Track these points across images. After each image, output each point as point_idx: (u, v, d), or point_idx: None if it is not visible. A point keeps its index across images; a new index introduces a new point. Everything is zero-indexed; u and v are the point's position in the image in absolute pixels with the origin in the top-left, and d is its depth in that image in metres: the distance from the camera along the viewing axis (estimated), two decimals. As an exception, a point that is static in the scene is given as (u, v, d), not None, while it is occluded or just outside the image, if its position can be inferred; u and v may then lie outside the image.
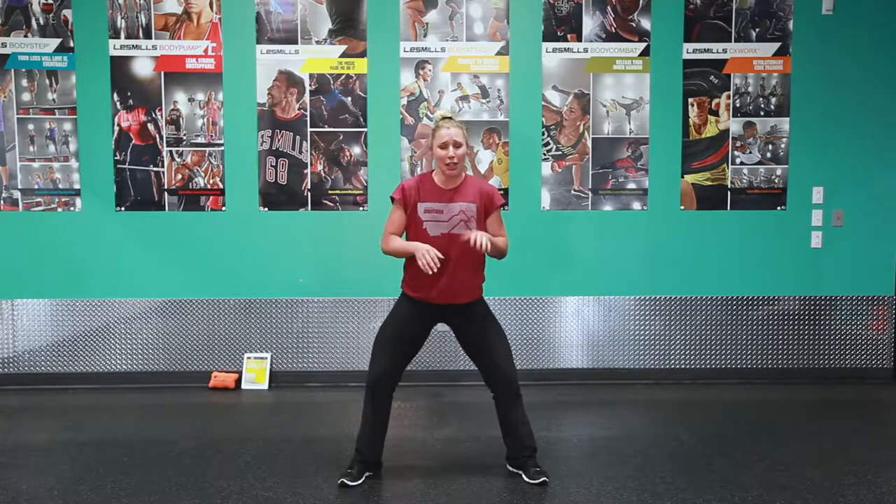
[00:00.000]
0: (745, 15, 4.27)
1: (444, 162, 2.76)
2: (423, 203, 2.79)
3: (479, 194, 2.83)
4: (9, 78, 4.19)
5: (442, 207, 2.78)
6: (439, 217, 2.78)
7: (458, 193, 2.81)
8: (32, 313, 4.28)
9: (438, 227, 2.78)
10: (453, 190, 2.81)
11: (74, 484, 2.80)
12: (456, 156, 2.74)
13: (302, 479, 2.86)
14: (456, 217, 2.78)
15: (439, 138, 2.76)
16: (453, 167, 2.76)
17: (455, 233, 2.77)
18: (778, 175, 4.33)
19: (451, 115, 2.84)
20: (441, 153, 2.76)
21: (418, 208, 2.79)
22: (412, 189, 2.81)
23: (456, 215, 2.78)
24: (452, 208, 2.78)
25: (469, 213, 2.79)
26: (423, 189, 2.81)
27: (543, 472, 2.81)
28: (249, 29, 4.21)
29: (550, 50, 4.26)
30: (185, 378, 4.31)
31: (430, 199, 2.80)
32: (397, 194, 2.82)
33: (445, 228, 2.77)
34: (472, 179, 2.88)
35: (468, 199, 2.80)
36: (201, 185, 4.27)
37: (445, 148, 2.75)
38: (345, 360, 4.34)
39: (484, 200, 2.82)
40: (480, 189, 2.85)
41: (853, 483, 2.80)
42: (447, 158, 2.74)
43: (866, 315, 4.38)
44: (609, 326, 4.38)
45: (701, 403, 3.95)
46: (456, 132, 2.76)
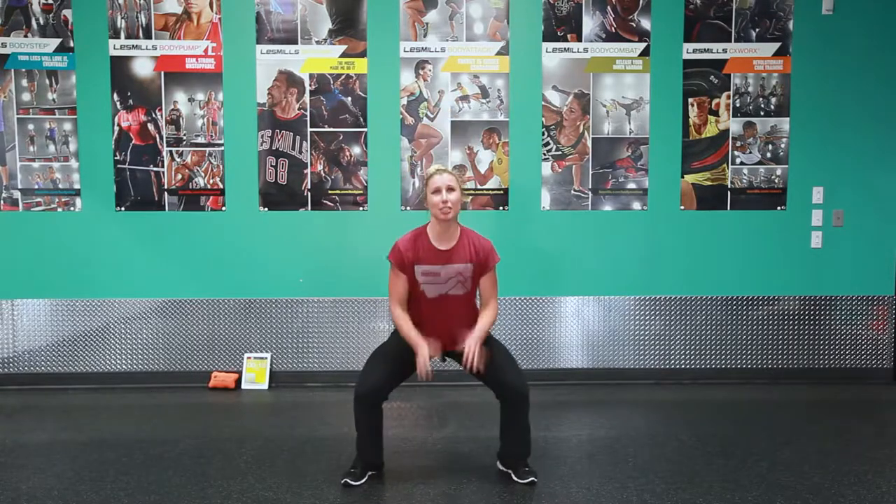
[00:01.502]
0: (745, 15, 4.27)
1: (437, 208, 2.75)
2: (420, 266, 2.79)
3: (476, 254, 2.82)
4: (9, 78, 4.19)
5: (439, 270, 2.79)
6: (436, 280, 2.80)
7: (455, 254, 2.80)
8: (32, 313, 4.28)
9: (435, 289, 2.81)
10: (449, 251, 2.80)
11: (74, 484, 2.80)
12: (449, 200, 2.73)
13: (302, 479, 2.86)
14: (452, 279, 2.80)
15: (432, 185, 2.77)
16: (447, 212, 2.74)
17: (451, 294, 2.81)
18: (778, 175, 4.33)
19: (443, 167, 2.85)
20: (434, 199, 2.75)
21: (415, 270, 2.80)
22: (408, 251, 2.80)
23: (452, 277, 2.80)
24: (449, 270, 2.79)
25: (466, 275, 2.81)
26: (418, 250, 2.80)
27: (533, 472, 2.82)
28: (249, 29, 4.21)
29: (550, 50, 4.26)
30: (185, 378, 4.31)
31: (426, 261, 2.79)
32: (393, 258, 2.82)
33: (442, 290, 2.81)
34: (467, 235, 2.86)
35: (464, 259, 2.81)
36: (201, 185, 4.27)
37: (438, 193, 2.74)
38: (345, 360, 4.34)
39: (480, 260, 2.82)
40: (477, 249, 2.83)
41: (853, 483, 2.80)
42: (440, 204, 2.73)
43: (866, 315, 4.38)
44: (609, 326, 4.38)
45: (701, 403, 3.95)
46: (448, 177, 2.76)
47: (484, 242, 2.87)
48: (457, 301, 2.83)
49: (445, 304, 2.82)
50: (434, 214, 2.79)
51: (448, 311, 2.83)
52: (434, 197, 2.75)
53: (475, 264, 2.82)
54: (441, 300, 2.82)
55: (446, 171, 2.80)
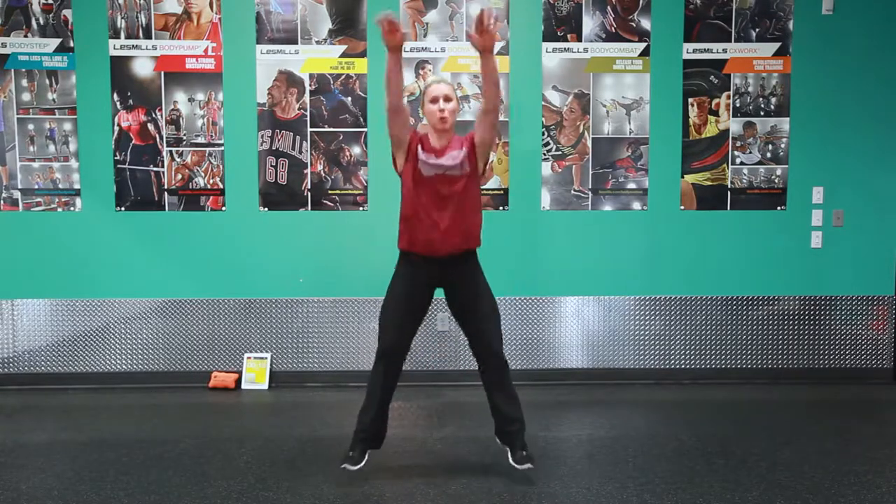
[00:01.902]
0: (745, 15, 4.27)
1: (435, 117, 2.75)
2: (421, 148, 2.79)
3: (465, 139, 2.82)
4: (9, 78, 4.19)
5: (434, 160, 2.78)
6: (431, 159, 2.78)
7: (449, 148, 2.80)
8: (32, 313, 4.28)
9: (432, 168, 2.77)
10: (445, 146, 2.80)
11: (74, 484, 2.80)
12: (447, 109, 2.73)
13: (302, 479, 2.86)
14: (449, 160, 2.77)
15: (429, 94, 2.76)
16: (444, 122, 2.75)
17: (448, 174, 2.75)
18: (778, 175, 4.33)
19: (441, 78, 2.83)
20: (432, 108, 2.75)
21: (417, 150, 2.78)
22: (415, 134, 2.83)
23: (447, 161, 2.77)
24: (445, 158, 2.78)
25: (460, 158, 2.78)
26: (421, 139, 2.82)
27: (530, 457, 2.79)
28: (249, 29, 4.21)
29: (550, 50, 4.26)
30: (185, 378, 4.31)
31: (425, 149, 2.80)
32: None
33: (439, 170, 2.77)
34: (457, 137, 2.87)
35: (456, 147, 2.80)
36: (201, 185, 4.27)
37: (436, 102, 2.74)
38: (345, 360, 4.34)
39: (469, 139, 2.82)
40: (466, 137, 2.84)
41: (853, 483, 2.80)
42: (438, 113, 2.73)
43: (866, 315, 4.38)
44: (609, 326, 4.38)
45: (701, 403, 3.95)
46: (446, 87, 2.76)
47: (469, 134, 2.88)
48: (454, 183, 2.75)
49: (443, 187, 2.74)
50: (432, 124, 2.78)
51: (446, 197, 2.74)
52: (431, 106, 2.75)
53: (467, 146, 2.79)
54: (437, 181, 2.75)
55: (444, 81, 2.80)
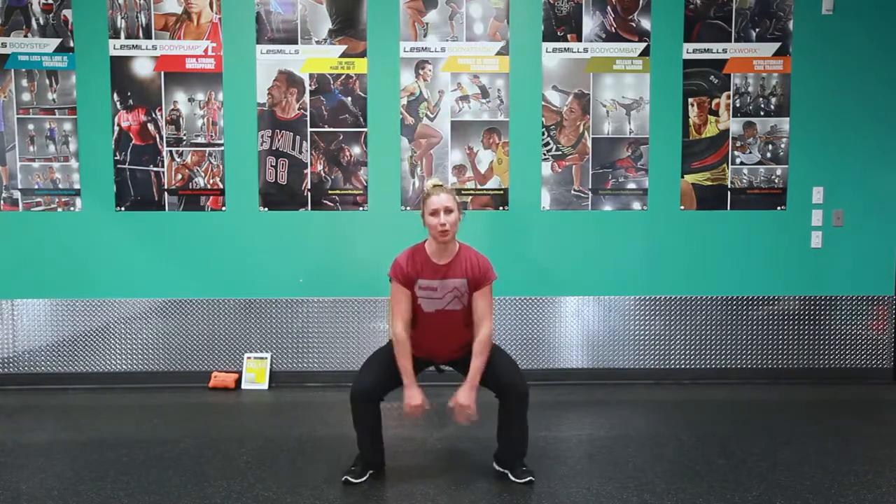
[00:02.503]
0: (745, 15, 4.27)
1: (435, 230, 2.73)
2: (420, 280, 2.79)
3: (471, 270, 2.80)
4: (9, 78, 4.19)
5: (436, 285, 2.78)
6: (433, 295, 2.79)
7: (452, 269, 2.79)
8: (32, 313, 4.28)
9: (433, 304, 2.80)
10: (447, 266, 2.79)
11: (74, 484, 2.80)
12: (447, 223, 2.71)
13: (302, 478, 2.86)
14: (449, 294, 2.79)
15: (429, 206, 2.74)
16: (445, 235, 2.73)
17: (448, 309, 2.80)
18: (778, 175, 4.33)
19: (440, 183, 2.83)
20: (432, 221, 2.73)
21: (415, 287, 2.79)
22: (408, 266, 2.79)
23: (449, 292, 2.79)
24: (446, 285, 2.78)
25: (462, 290, 2.80)
26: (417, 264, 2.79)
27: (530, 472, 2.82)
28: (249, 29, 4.21)
29: (550, 50, 4.26)
30: (185, 378, 4.31)
31: (424, 275, 2.79)
32: (395, 273, 2.80)
33: (439, 305, 2.80)
34: (465, 252, 2.84)
35: (460, 274, 2.79)
36: (201, 185, 4.27)
37: (436, 215, 2.72)
38: (345, 360, 4.34)
39: (475, 276, 2.80)
40: (473, 265, 2.81)
41: (853, 483, 2.80)
42: (439, 226, 2.72)
43: (866, 315, 4.38)
44: (609, 326, 4.38)
45: (701, 403, 3.95)
46: (446, 198, 2.73)
47: (482, 260, 2.84)
48: (454, 316, 2.83)
49: (443, 319, 2.82)
50: (432, 236, 2.77)
51: (445, 326, 2.83)
52: (431, 219, 2.73)
53: (470, 279, 2.79)
54: (439, 315, 2.82)
55: (443, 189, 2.77)
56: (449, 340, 2.86)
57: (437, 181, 2.84)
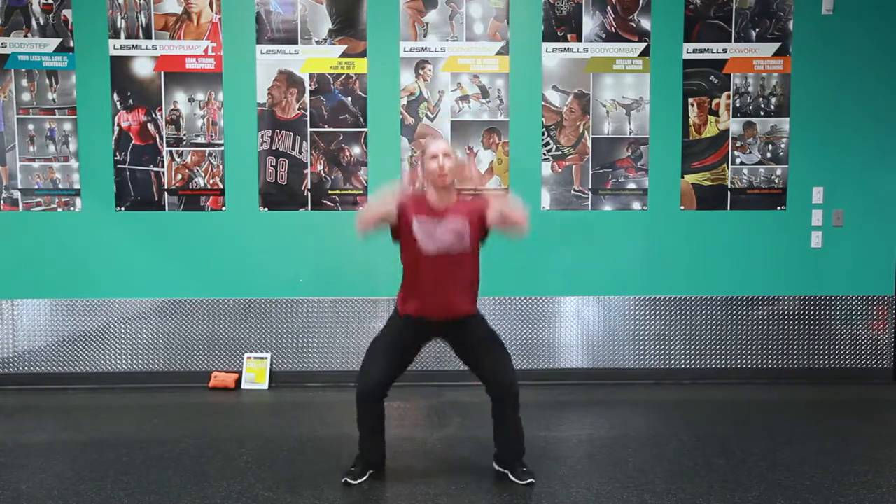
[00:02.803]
0: (745, 15, 4.27)
1: (434, 175, 2.74)
2: (418, 218, 2.77)
3: (470, 212, 2.80)
4: (9, 78, 4.19)
5: (436, 224, 2.77)
6: (433, 232, 2.77)
7: (450, 211, 2.79)
8: (32, 313, 4.28)
9: (433, 243, 2.76)
10: (445, 209, 2.79)
11: (74, 484, 2.80)
12: (446, 165, 2.72)
13: (302, 479, 2.86)
14: (449, 233, 2.76)
15: (428, 151, 2.76)
16: (444, 178, 2.73)
17: (451, 253, 2.76)
18: (778, 175, 4.33)
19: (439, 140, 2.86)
20: (431, 164, 2.74)
21: (413, 223, 2.77)
22: (408, 200, 2.79)
23: (449, 231, 2.76)
24: (445, 225, 2.77)
25: (463, 231, 2.78)
26: (418, 202, 2.80)
27: (531, 473, 2.82)
28: (249, 29, 4.21)
29: (550, 50, 4.26)
30: (185, 378, 4.31)
31: (423, 213, 2.78)
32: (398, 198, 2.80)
33: (440, 244, 2.76)
34: (465, 200, 2.87)
35: (460, 215, 2.78)
36: (201, 185, 4.27)
37: (435, 158, 2.73)
38: (345, 360, 4.34)
39: (476, 211, 2.79)
40: (470, 207, 2.81)
41: (853, 483, 2.80)
42: (438, 170, 2.72)
43: (866, 315, 4.38)
44: (609, 326, 4.38)
45: (701, 403, 3.95)
46: (444, 144, 2.78)
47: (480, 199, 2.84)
48: (455, 261, 2.77)
49: (444, 263, 2.75)
50: (432, 182, 2.77)
51: (447, 271, 2.76)
52: (431, 163, 2.75)
53: (471, 217, 2.78)
54: (440, 259, 2.75)
55: (442, 139, 2.80)
56: (449, 289, 2.77)
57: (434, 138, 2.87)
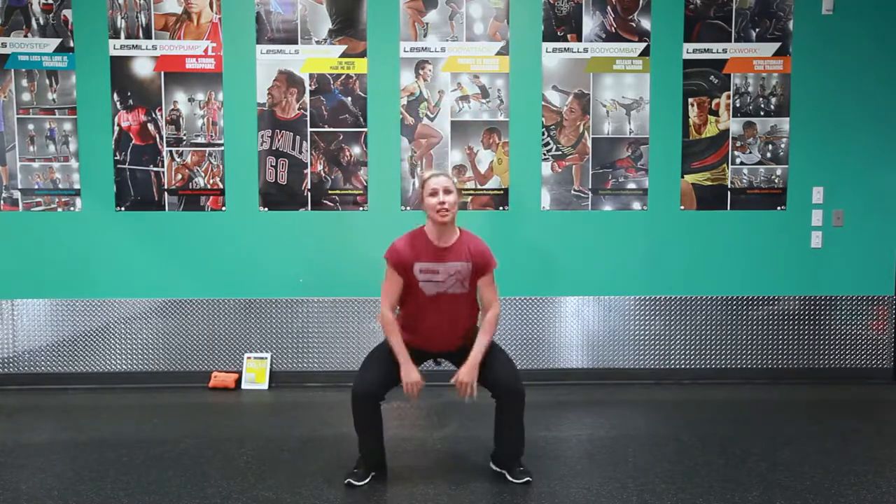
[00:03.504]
0: (745, 15, 4.27)
1: (434, 210, 2.73)
2: (419, 263, 2.78)
3: (473, 255, 2.80)
4: (9, 78, 4.19)
5: (437, 268, 2.77)
6: (434, 277, 2.78)
7: (452, 253, 2.79)
8: (32, 313, 4.28)
9: (434, 287, 2.78)
10: (448, 249, 2.79)
11: (74, 484, 2.80)
12: (447, 202, 2.71)
13: (302, 479, 2.86)
14: (451, 277, 2.78)
15: (428, 187, 2.75)
16: (445, 214, 2.72)
17: (450, 292, 2.78)
18: (778, 175, 4.33)
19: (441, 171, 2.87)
20: (432, 202, 2.73)
21: (414, 268, 2.77)
22: (406, 249, 2.79)
23: (451, 275, 2.78)
24: (448, 268, 2.77)
25: (464, 273, 2.79)
26: (416, 248, 2.79)
27: (527, 472, 2.83)
28: (249, 29, 4.21)
29: (550, 50, 4.26)
30: (185, 378, 4.31)
31: (424, 258, 2.78)
32: (391, 257, 2.80)
33: (441, 288, 2.79)
34: (466, 236, 2.86)
35: (462, 258, 2.79)
36: (201, 185, 4.27)
37: (435, 195, 2.72)
38: (345, 360, 4.34)
39: (477, 261, 2.80)
40: (474, 250, 2.82)
41: (853, 483, 2.80)
42: (438, 205, 2.71)
43: (866, 315, 4.38)
44: (609, 326, 4.38)
45: (701, 403, 3.95)
46: (445, 180, 2.75)
47: (481, 245, 2.86)
48: (455, 300, 2.82)
49: (444, 303, 2.81)
50: (432, 217, 2.77)
51: (447, 310, 2.81)
52: (431, 199, 2.73)
53: (473, 264, 2.80)
54: (439, 298, 2.80)
55: (443, 173, 2.81)
56: (449, 327, 2.83)
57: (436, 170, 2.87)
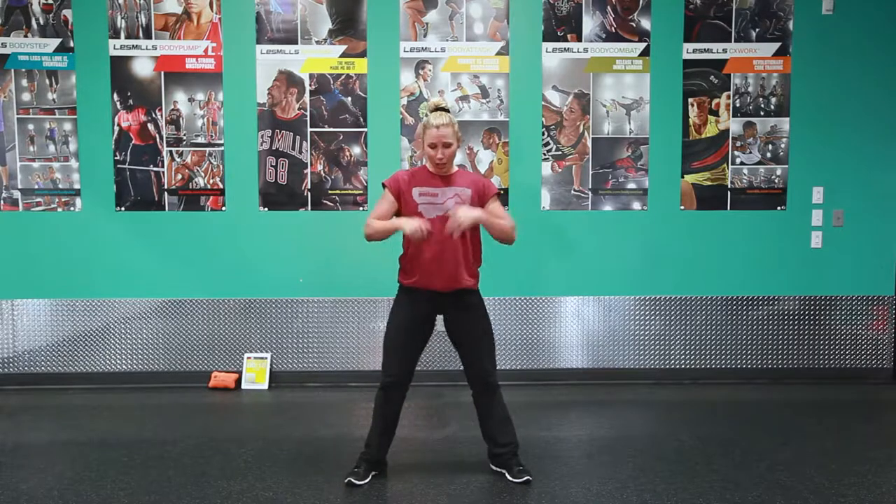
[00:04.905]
0: (745, 15, 4.27)
1: (433, 161, 2.77)
2: (418, 187, 2.78)
3: (473, 183, 2.83)
4: (9, 78, 4.19)
5: (437, 191, 2.78)
6: (434, 200, 2.77)
7: (453, 180, 2.81)
8: (32, 313, 4.28)
9: (434, 209, 2.76)
10: (448, 177, 2.82)
11: (74, 484, 2.80)
12: (445, 156, 2.74)
13: (302, 479, 2.86)
14: (451, 200, 2.76)
15: (429, 137, 2.74)
16: (441, 167, 2.78)
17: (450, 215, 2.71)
18: (778, 175, 4.33)
19: (444, 106, 2.79)
20: (430, 153, 2.76)
21: (413, 192, 2.78)
22: (405, 176, 2.81)
23: (451, 198, 2.76)
24: (447, 192, 2.78)
25: (464, 197, 2.78)
26: (417, 176, 2.81)
27: (527, 471, 2.82)
28: (249, 29, 4.21)
29: (550, 50, 4.26)
30: (185, 378, 4.31)
31: (424, 183, 2.79)
32: (389, 182, 2.81)
33: (441, 211, 2.75)
34: (464, 171, 2.92)
35: (462, 185, 2.80)
36: (201, 185, 4.27)
37: (434, 148, 2.74)
38: (345, 360, 4.34)
39: (478, 190, 2.82)
40: (474, 179, 2.86)
41: (853, 483, 2.80)
42: (436, 159, 2.75)
43: (866, 315, 4.38)
44: (609, 326, 4.38)
45: (701, 403, 3.95)
46: (445, 132, 2.72)
47: (481, 177, 2.92)
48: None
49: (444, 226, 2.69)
50: (431, 165, 2.81)
51: (449, 242, 2.71)
52: (430, 150, 2.75)
53: (473, 191, 2.80)
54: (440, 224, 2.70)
55: (444, 118, 2.74)
56: (450, 262, 2.74)
57: (441, 102, 2.81)
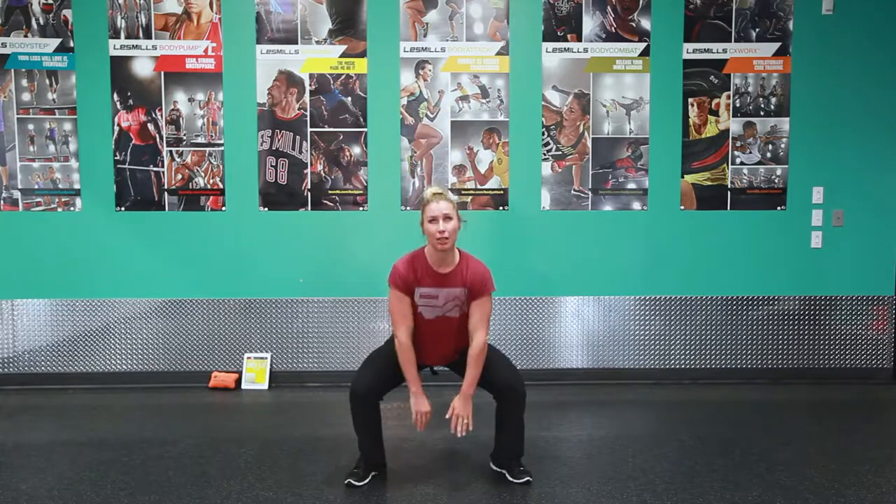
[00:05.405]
0: (745, 15, 4.27)
1: (434, 237, 2.71)
2: (419, 288, 2.78)
3: (471, 279, 2.78)
4: (9, 78, 4.19)
5: (436, 293, 2.78)
6: (433, 302, 2.79)
7: (451, 278, 2.78)
8: (32, 313, 4.28)
9: (433, 311, 2.80)
10: (447, 275, 2.78)
11: (74, 484, 2.80)
12: (446, 230, 2.68)
13: (302, 479, 2.86)
14: (450, 303, 2.79)
15: (428, 212, 2.70)
16: (444, 242, 2.70)
17: (448, 315, 2.80)
18: (778, 175, 4.33)
19: (440, 191, 2.78)
20: (431, 228, 2.70)
21: (415, 294, 2.79)
22: (408, 274, 2.77)
23: (450, 301, 2.79)
24: (447, 294, 2.78)
25: (462, 298, 2.79)
26: (417, 273, 2.78)
27: (527, 472, 2.83)
28: (249, 29, 4.21)
29: (550, 50, 4.26)
30: (185, 378, 4.31)
31: (424, 283, 2.78)
32: (394, 281, 2.78)
33: (439, 312, 2.80)
34: (465, 260, 2.82)
35: (460, 284, 2.78)
36: (201, 185, 4.27)
37: (435, 223, 2.69)
38: (345, 360, 4.34)
39: (474, 286, 2.78)
40: (472, 274, 2.79)
41: (853, 483, 2.80)
42: (437, 234, 2.69)
43: (866, 315, 4.38)
44: (609, 326, 4.38)
45: (701, 403, 3.95)
46: (445, 206, 2.70)
47: (480, 269, 2.81)
48: (452, 322, 2.82)
49: (441, 325, 2.82)
50: (431, 244, 2.75)
51: (444, 331, 2.83)
52: (430, 226, 2.70)
53: (469, 289, 2.78)
54: (438, 321, 2.82)
55: (443, 197, 2.73)
56: (444, 345, 2.87)
57: (438, 189, 2.79)
